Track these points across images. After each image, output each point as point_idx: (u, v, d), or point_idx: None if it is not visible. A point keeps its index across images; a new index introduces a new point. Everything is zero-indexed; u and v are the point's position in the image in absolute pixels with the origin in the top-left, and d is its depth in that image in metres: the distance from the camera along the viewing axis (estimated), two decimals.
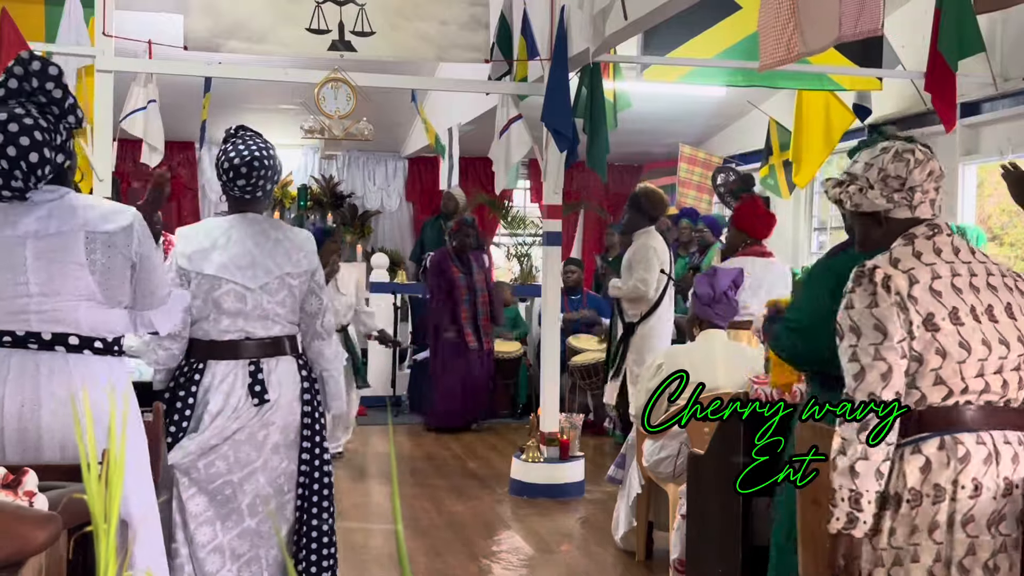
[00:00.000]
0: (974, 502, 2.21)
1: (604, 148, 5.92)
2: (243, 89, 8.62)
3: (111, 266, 2.62)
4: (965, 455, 2.22)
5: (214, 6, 5.96)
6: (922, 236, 2.34)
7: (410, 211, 12.76)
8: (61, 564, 1.99)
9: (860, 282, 2.30)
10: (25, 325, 2.55)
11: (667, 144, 10.69)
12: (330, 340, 3.55)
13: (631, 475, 5.02)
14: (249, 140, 3.52)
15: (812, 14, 3.78)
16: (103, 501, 1.02)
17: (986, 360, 2.24)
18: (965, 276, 2.30)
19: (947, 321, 2.24)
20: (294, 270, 3.43)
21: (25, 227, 2.58)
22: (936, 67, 5.28)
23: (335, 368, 3.59)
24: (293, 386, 3.44)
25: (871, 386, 2.25)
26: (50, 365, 2.55)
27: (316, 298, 3.49)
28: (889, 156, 2.35)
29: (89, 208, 2.64)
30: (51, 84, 2.60)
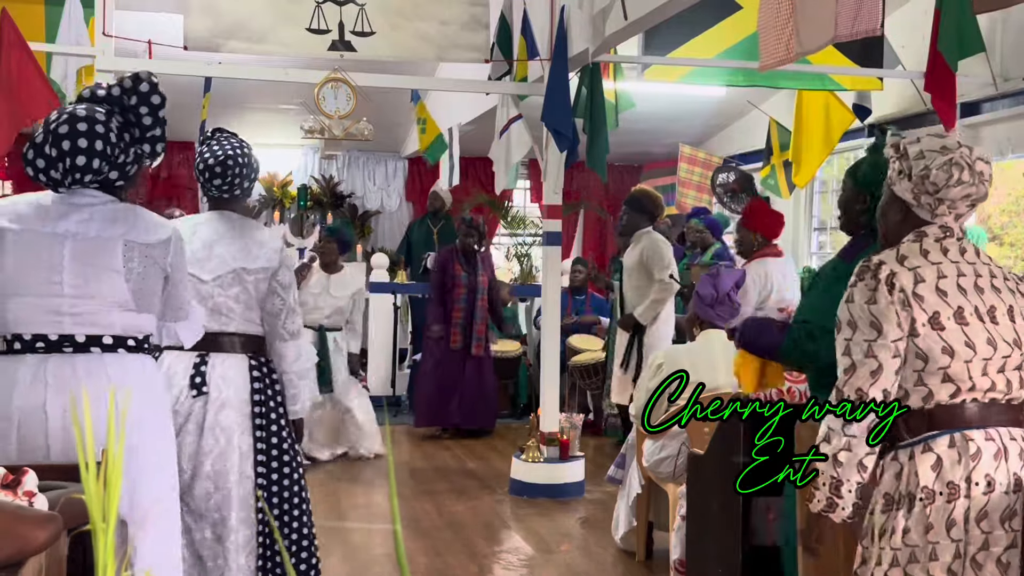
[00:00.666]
0: (987, 498, 2.22)
1: (604, 148, 5.92)
2: (243, 89, 8.62)
3: (146, 276, 2.65)
4: (976, 452, 2.24)
5: (214, 6, 5.96)
6: (932, 236, 2.35)
7: (410, 211, 12.76)
8: (61, 564, 1.99)
9: (863, 277, 2.31)
10: (58, 327, 2.57)
11: (667, 144, 10.69)
12: (292, 342, 3.46)
13: (631, 475, 5.02)
14: (224, 141, 3.54)
15: (809, 14, 3.78)
16: (102, 501, 1.02)
17: (990, 359, 2.25)
18: (970, 277, 2.30)
19: (952, 320, 2.25)
20: (250, 266, 3.39)
21: (66, 227, 2.60)
22: (936, 67, 5.28)
23: (295, 371, 3.47)
24: (241, 386, 3.38)
25: (859, 381, 2.28)
26: (87, 367, 2.57)
27: (278, 298, 3.42)
28: (941, 160, 2.31)
29: (131, 218, 2.67)
30: (145, 109, 2.68)
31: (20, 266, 2.57)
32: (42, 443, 2.53)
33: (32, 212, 2.62)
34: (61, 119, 2.58)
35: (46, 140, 2.57)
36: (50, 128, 2.58)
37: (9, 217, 2.61)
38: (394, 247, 12.03)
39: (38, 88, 5.38)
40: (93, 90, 2.70)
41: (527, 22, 6.38)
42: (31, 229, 2.59)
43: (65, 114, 2.60)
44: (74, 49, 5.85)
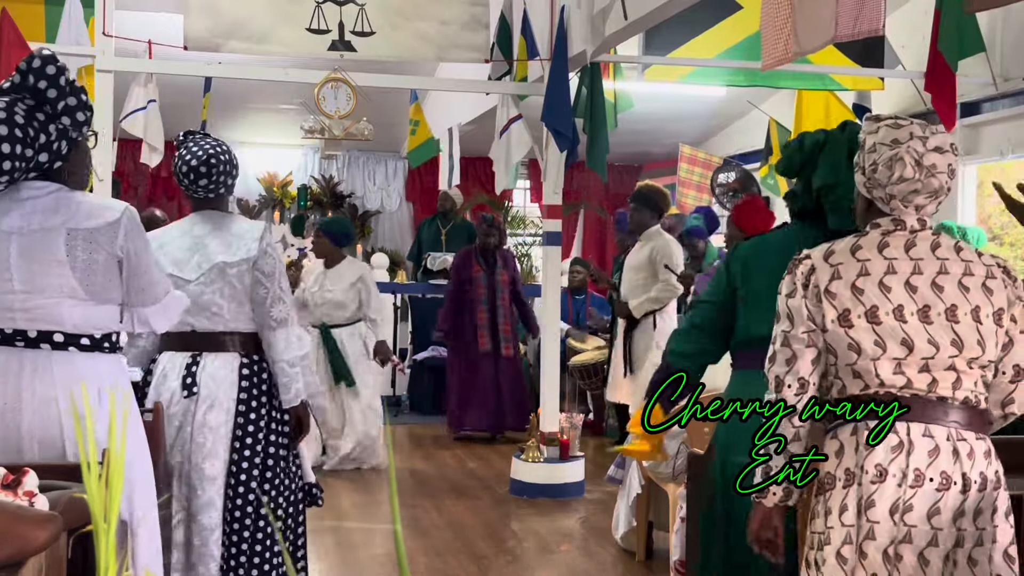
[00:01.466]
0: (876, 487, 2.24)
1: (604, 148, 5.92)
2: (243, 89, 8.62)
3: (92, 262, 2.60)
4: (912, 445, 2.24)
5: (214, 6, 5.97)
6: (877, 231, 2.36)
7: (410, 211, 12.76)
8: (61, 564, 2.00)
9: (790, 271, 2.39)
10: (11, 323, 2.57)
11: (667, 144, 10.69)
12: (280, 330, 3.40)
13: (631, 475, 5.02)
14: (202, 141, 3.52)
15: (808, 14, 3.78)
16: (103, 501, 1.02)
17: (903, 359, 2.26)
18: (902, 275, 2.29)
19: (863, 319, 2.28)
20: (231, 259, 3.37)
21: (10, 223, 2.59)
22: (936, 67, 5.29)
23: (285, 359, 3.41)
24: (226, 385, 3.38)
25: (778, 369, 2.37)
26: (34, 363, 2.56)
27: (261, 287, 3.39)
28: (887, 155, 2.31)
29: (75, 205, 2.62)
30: (44, 83, 2.59)
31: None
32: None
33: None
34: None
35: None
36: None
37: None
38: (394, 247, 12.03)
39: None
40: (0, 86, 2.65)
41: (527, 22, 6.38)
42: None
43: None
44: (74, 49, 5.84)
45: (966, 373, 2.28)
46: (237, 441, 3.39)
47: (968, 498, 2.25)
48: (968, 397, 2.29)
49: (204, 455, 3.35)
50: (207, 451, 3.35)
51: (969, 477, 2.25)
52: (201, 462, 3.34)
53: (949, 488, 2.24)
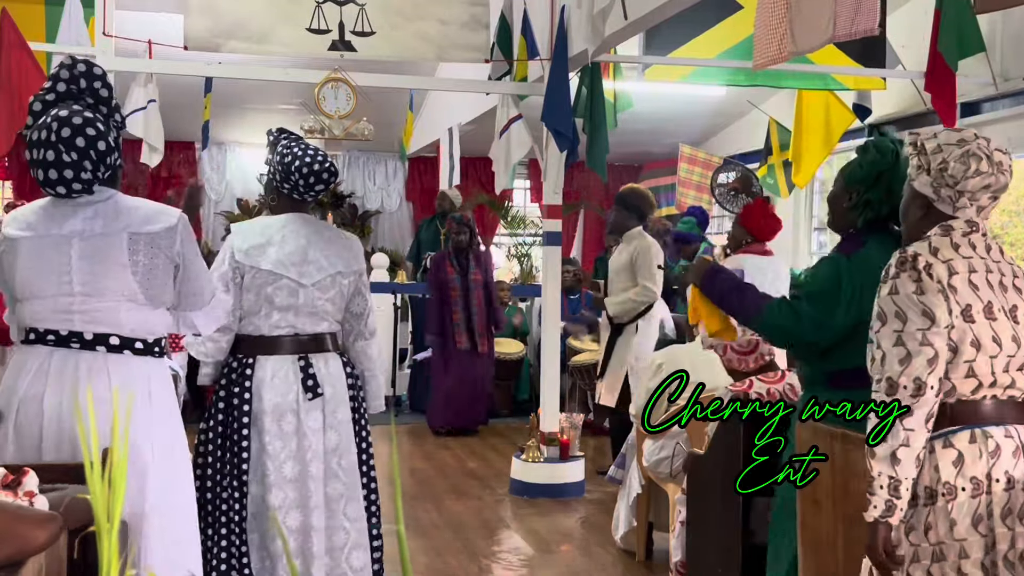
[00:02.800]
0: (1008, 495, 2.23)
1: (604, 148, 5.91)
2: (243, 89, 8.61)
3: (153, 267, 2.67)
4: (996, 448, 2.24)
5: (214, 6, 5.96)
6: (959, 231, 2.35)
7: (410, 211, 12.76)
8: (61, 564, 1.99)
9: (904, 268, 2.30)
10: (68, 324, 2.60)
11: (667, 144, 10.69)
12: (373, 340, 3.63)
13: (631, 475, 5.02)
14: (307, 147, 3.58)
15: (805, 14, 3.78)
16: (106, 501, 1.02)
17: (1013, 356, 2.27)
18: (996, 274, 2.32)
19: (982, 314, 2.26)
20: (345, 269, 3.52)
21: (71, 227, 2.63)
22: (936, 67, 5.29)
23: (378, 368, 3.68)
24: (342, 383, 3.51)
25: (917, 371, 2.24)
26: (90, 364, 2.60)
27: (362, 298, 3.58)
28: (958, 152, 2.31)
29: (134, 210, 2.69)
30: (98, 83, 2.69)
31: (33, 271, 2.62)
32: (36, 434, 2.57)
33: (39, 218, 2.67)
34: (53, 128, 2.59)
35: (58, 152, 2.58)
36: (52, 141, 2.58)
37: (20, 226, 2.66)
38: (394, 247, 12.04)
39: (38, 88, 5.37)
40: (42, 99, 2.70)
41: (527, 22, 6.38)
42: (40, 235, 2.64)
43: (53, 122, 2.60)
44: (74, 49, 5.84)
45: None
46: (357, 436, 3.55)
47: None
48: None
49: (341, 452, 3.47)
50: (341, 448, 3.47)
51: None
52: (340, 459, 3.47)
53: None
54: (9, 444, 2.58)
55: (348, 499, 3.50)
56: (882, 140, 3.00)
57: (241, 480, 3.40)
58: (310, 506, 3.41)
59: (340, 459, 3.48)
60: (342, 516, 3.49)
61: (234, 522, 3.38)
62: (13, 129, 5.35)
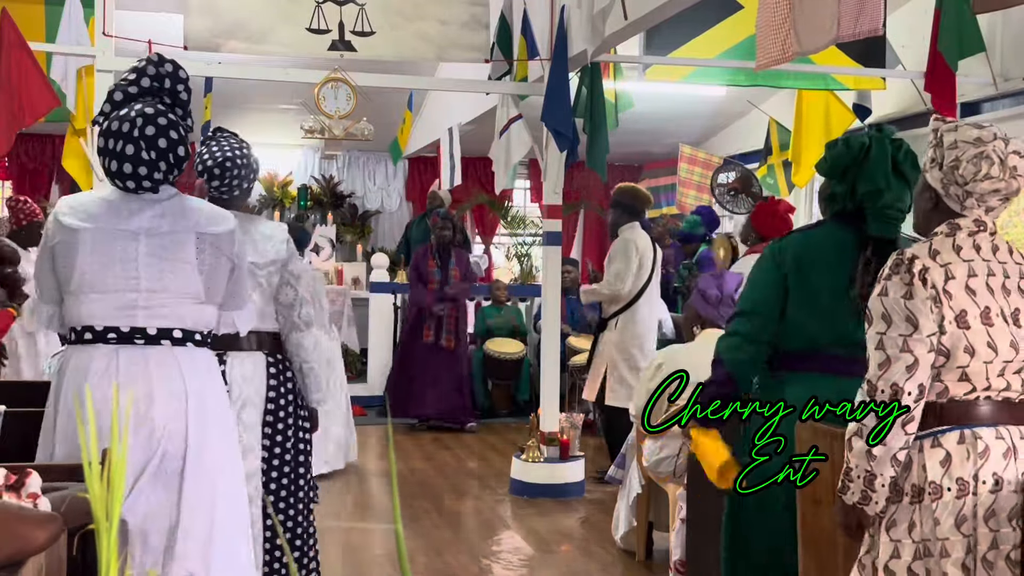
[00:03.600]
0: (995, 496, 2.22)
1: (604, 148, 5.92)
2: (243, 89, 8.62)
3: (216, 267, 2.70)
4: (984, 450, 2.24)
5: (214, 6, 5.96)
6: (966, 230, 2.32)
7: (410, 211, 12.76)
8: (61, 564, 1.99)
9: (898, 271, 2.29)
10: (131, 320, 2.61)
11: (667, 144, 10.69)
12: (308, 331, 3.47)
13: (631, 475, 5.02)
14: (223, 141, 3.53)
15: (808, 15, 3.78)
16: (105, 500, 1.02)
17: (1010, 362, 2.26)
18: (999, 277, 2.29)
19: (978, 320, 2.24)
20: (259, 260, 3.38)
21: (139, 224, 2.64)
22: (936, 67, 5.29)
23: (314, 360, 3.49)
24: (260, 384, 3.41)
25: (895, 376, 2.24)
26: (158, 359, 2.62)
27: (290, 288, 3.43)
28: (972, 152, 2.28)
29: (198, 210, 2.73)
30: (181, 86, 2.72)
31: (97, 264, 2.61)
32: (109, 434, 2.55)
33: (103, 210, 2.66)
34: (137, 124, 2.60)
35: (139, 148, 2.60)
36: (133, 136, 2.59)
37: (80, 217, 2.64)
38: (394, 247, 12.04)
39: (38, 88, 5.38)
40: (124, 89, 2.70)
41: (527, 22, 6.38)
42: (105, 228, 2.63)
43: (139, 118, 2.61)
44: (74, 49, 5.85)
45: None
46: (267, 439, 3.45)
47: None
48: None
49: (242, 453, 3.34)
50: (244, 448, 3.36)
51: None
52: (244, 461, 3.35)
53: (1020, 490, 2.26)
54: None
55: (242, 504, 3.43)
56: (855, 136, 3.01)
57: None
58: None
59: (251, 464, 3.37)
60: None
61: None
62: (13, 129, 5.35)
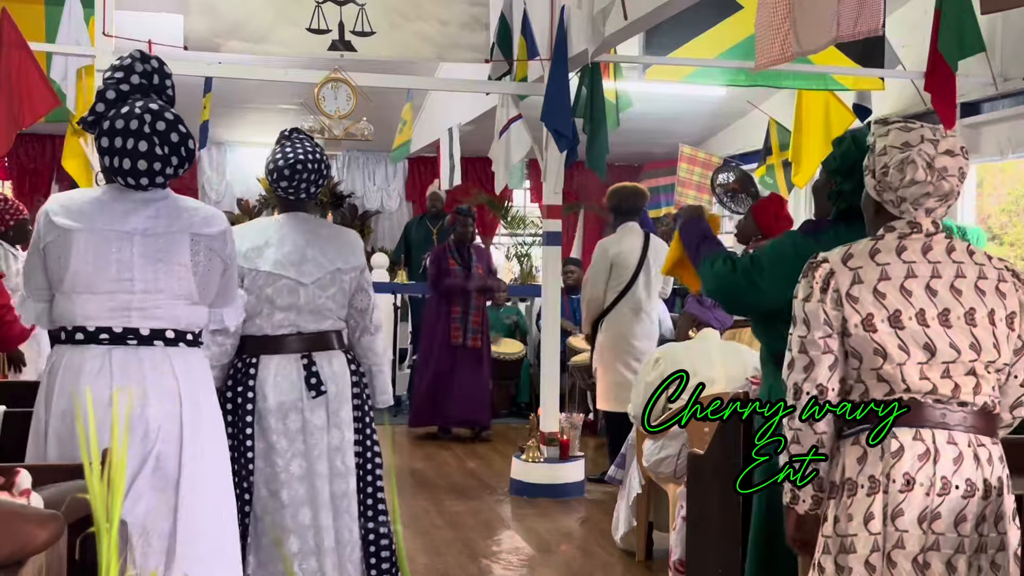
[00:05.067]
0: (904, 496, 2.23)
1: (604, 148, 5.92)
2: (243, 89, 8.61)
3: (210, 268, 2.71)
4: (898, 449, 2.24)
5: (214, 6, 5.96)
6: (896, 232, 2.33)
7: (410, 211, 12.76)
8: (62, 563, 1.99)
9: (806, 274, 2.36)
10: (125, 321, 2.61)
11: (667, 144, 10.69)
12: (378, 335, 3.65)
13: (631, 475, 5.02)
14: (297, 143, 3.59)
15: (808, 14, 3.78)
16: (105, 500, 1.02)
17: (926, 363, 2.25)
18: (922, 278, 2.28)
19: (886, 323, 2.25)
20: (344, 265, 3.53)
21: (134, 224, 2.64)
22: (936, 67, 5.28)
23: (384, 363, 3.70)
24: (346, 381, 3.53)
25: (796, 376, 2.34)
26: (151, 359, 2.62)
27: (365, 294, 3.59)
28: (898, 158, 2.30)
29: (192, 211, 2.72)
30: (168, 82, 2.73)
31: (90, 265, 2.60)
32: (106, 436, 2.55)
33: (96, 210, 2.65)
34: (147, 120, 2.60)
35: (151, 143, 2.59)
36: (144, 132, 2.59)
37: (73, 217, 2.63)
38: (394, 247, 12.04)
39: (38, 88, 5.37)
40: (116, 88, 2.70)
41: (527, 22, 6.38)
42: (99, 228, 2.62)
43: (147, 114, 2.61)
44: (74, 49, 5.84)
45: (984, 377, 2.28)
46: (359, 433, 3.57)
47: (989, 503, 2.26)
48: (987, 402, 2.29)
49: (344, 450, 3.48)
50: (344, 446, 3.49)
51: (989, 483, 2.26)
52: (343, 458, 3.48)
53: (973, 495, 2.24)
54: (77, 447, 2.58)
55: (351, 498, 3.52)
56: (862, 132, 3.01)
57: (249, 480, 3.43)
58: (319, 503, 3.44)
59: (343, 457, 3.50)
60: (346, 514, 3.51)
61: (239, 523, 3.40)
62: (13, 129, 5.34)
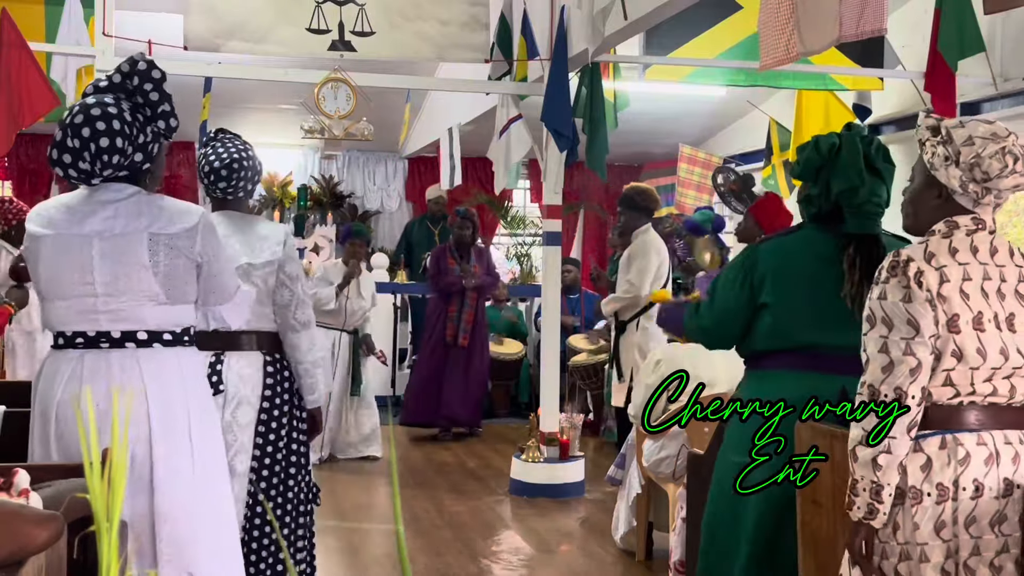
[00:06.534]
0: (975, 503, 2.20)
1: (604, 148, 5.91)
2: (243, 89, 8.62)
3: (174, 268, 2.67)
4: (965, 456, 2.22)
5: (214, 6, 5.96)
6: (964, 229, 2.29)
7: (410, 211, 12.75)
8: (61, 563, 1.99)
9: (895, 273, 2.26)
10: (95, 325, 2.62)
11: (667, 144, 10.69)
12: (304, 332, 3.48)
13: (631, 475, 5.02)
14: (228, 143, 3.56)
15: (811, 15, 3.78)
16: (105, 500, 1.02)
17: (999, 368, 2.23)
18: (995, 281, 2.26)
19: (969, 325, 2.21)
20: (255, 261, 3.40)
21: (92, 226, 2.63)
22: (936, 67, 5.29)
23: (309, 360, 3.51)
24: (256, 384, 3.42)
25: (898, 379, 2.22)
26: (121, 362, 2.61)
27: (286, 290, 3.45)
28: (993, 148, 2.26)
29: (156, 209, 2.68)
30: (149, 85, 2.71)
31: (56, 270, 2.62)
32: (77, 438, 2.56)
33: (62, 216, 2.66)
34: (74, 112, 2.62)
35: (65, 135, 2.60)
36: (66, 123, 2.61)
37: (42, 223, 2.65)
38: (394, 247, 12.04)
39: (38, 88, 5.38)
40: (95, 84, 2.73)
41: (527, 22, 6.38)
42: (62, 233, 2.63)
43: (77, 107, 2.63)
44: (74, 49, 5.85)
45: None
46: (260, 438, 3.44)
47: None
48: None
49: (234, 452, 3.38)
50: (237, 448, 3.39)
51: None
52: (232, 459, 3.36)
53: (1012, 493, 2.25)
54: (53, 450, 2.60)
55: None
56: (824, 137, 3.01)
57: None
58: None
59: (233, 458, 3.36)
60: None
61: None
62: (13, 129, 5.35)
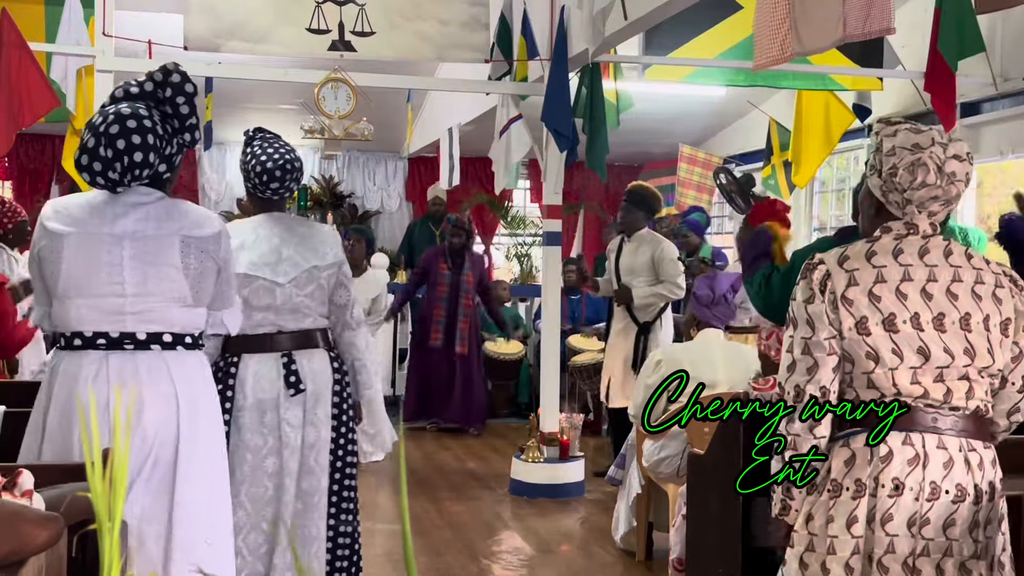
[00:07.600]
0: (893, 500, 2.23)
1: (604, 148, 5.91)
2: (243, 89, 8.62)
3: (203, 270, 2.71)
4: (887, 454, 2.24)
5: (214, 6, 5.96)
6: (893, 234, 2.32)
7: (410, 211, 12.76)
8: (62, 563, 2.00)
9: (805, 275, 2.35)
10: (120, 326, 2.62)
11: (667, 144, 10.69)
12: (359, 330, 3.67)
13: (631, 475, 5.02)
14: (276, 144, 3.63)
15: (810, 14, 3.78)
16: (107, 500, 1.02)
17: (919, 368, 2.24)
18: (918, 282, 2.27)
19: (880, 327, 2.24)
20: (321, 263, 3.55)
21: (123, 227, 2.65)
22: (936, 67, 5.28)
23: (367, 357, 3.72)
24: (328, 380, 3.56)
25: (798, 378, 2.32)
26: (148, 364, 2.63)
27: (344, 290, 3.61)
28: (908, 160, 2.28)
29: (184, 213, 2.72)
30: (182, 99, 2.70)
31: (81, 268, 2.62)
32: (105, 441, 2.56)
33: (87, 214, 2.66)
34: (108, 120, 2.62)
35: (99, 143, 2.61)
36: (100, 131, 2.61)
37: (64, 221, 2.65)
38: (394, 247, 12.04)
39: (38, 88, 5.38)
40: (126, 88, 2.73)
41: (527, 22, 6.38)
42: (89, 232, 2.64)
43: (111, 115, 2.63)
44: (74, 49, 5.85)
45: (977, 382, 2.27)
46: (334, 431, 3.58)
47: (980, 508, 2.26)
48: (979, 407, 2.28)
49: (318, 448, 3.51)
50: (321, 443, 3.52)
51: (980, 487, 2.26)
52: (316, 455, 3.50)
53: (964, 499, 2.24)
54: (75, 453, 2.59)
55: (321, 494, 3.55)
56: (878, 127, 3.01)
57: None
58: (283, 500, 3.48)
59: (317, 455, 3.52)
60: (315, 511, 3.54)
61: None
62: (13, 129, 5.35)
